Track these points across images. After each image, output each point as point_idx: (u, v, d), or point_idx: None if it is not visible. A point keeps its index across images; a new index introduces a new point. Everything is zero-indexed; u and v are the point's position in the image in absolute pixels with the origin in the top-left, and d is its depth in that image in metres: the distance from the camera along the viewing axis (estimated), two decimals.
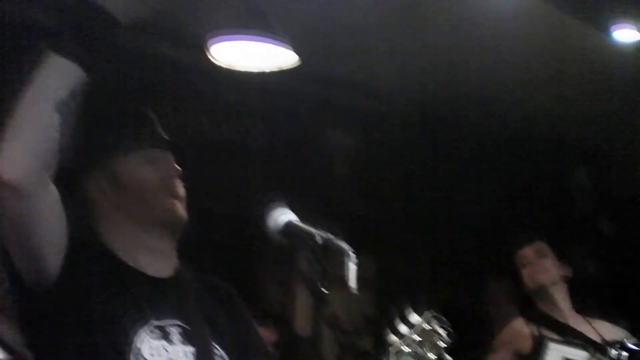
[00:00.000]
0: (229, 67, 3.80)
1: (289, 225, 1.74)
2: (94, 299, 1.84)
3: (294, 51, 3.71)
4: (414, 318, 1.88)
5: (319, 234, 1.64)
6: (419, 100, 5.92)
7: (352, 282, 1.54)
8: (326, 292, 1.62)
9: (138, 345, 1.83)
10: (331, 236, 1.64)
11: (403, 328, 1.82)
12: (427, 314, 1.91)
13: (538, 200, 6.70)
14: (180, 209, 2.01)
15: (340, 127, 5.82)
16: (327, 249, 1.62)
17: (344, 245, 1.61)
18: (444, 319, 1.92)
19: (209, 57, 3.69)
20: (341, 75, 5.41)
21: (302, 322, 5.63)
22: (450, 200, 6.45)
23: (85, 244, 1.95)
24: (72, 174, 2.00)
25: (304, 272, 5.70)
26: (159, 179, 2.01)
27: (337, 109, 5.71)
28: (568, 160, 6.81)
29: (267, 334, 4.41)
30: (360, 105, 5.83)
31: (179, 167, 2.06)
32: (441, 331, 1.88)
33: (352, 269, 1.55)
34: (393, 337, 1.75)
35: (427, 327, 1.87)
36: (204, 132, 5.15)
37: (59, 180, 2.07)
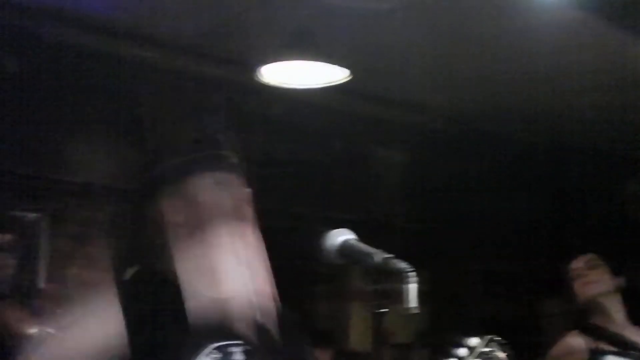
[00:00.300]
0: (279, 85, 3.83)
1: (345, 244, 1.73)
2: (155, 325, 1.86)
3: (342, 67, 3.74)
4: (473, 341, 1.86)
5: (377, 254, 1.64)
6: (465, 114, 5.92)
7: (413, 301, 1.54)
8: (385, 310, 1.61)
9: None
10: (389, 255, 1.63)
11: (461, 351, 1.81)
12: (486, 337, 1.88)
13: (589, 211, 6.64)
14: (249, 235, 2.01)
15: (388, 143, 5.84)
16: (385, 268, 1.61)
17: (403, 264, 1.61)
18: (504, 341, 1.89)
19: (259, 77, 3.74)
20: (387, 91, 5.42)
21: (356, 340, 5.64)
22: (499, 213, 6.43)
23: (148, 269, 2.00)
24: (146, 197, 2.05)
25: (358, 291, 5.72)
26: (231, 202, 2.02)
27: (384, 125, 5.72)
28: (619, 170, 6.73)
29: (321, 354, 4.44)
30: (407, 120, 5.84)
31: (249, 191, 2.07)
32: (500, 355, 1.86)
33: (412, 289, 1.55)
34: None
35: (486, 350, 1.85)
36: (256, 152, 5.20)
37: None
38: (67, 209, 4.34)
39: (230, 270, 2.01)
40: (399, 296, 1.85)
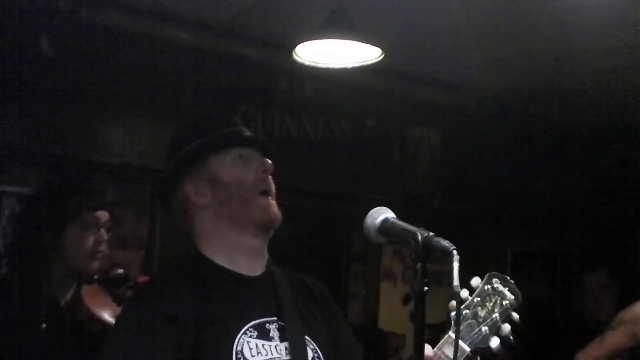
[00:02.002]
0: (313, 64, 3.82)
1: (386, 222, 1.71)
2: (194, 306, 1.88)
3: (376, 46, 3.72)
4: (475, 281, 1.85)
5: (419, 232, 1.61)
6: (500, 94, 5.87)
7: (456, 280, 1.52)
8: (425, 290, 1.59)
9: (239, 347, 1.86)
10: (432, 234, 1.61)
11: (464, 293, 1.80)
12: (489, 275, 1.87)
13: (626, 192, 6.56)
14: (275, 207, 2.03)
15: (423, 122, 5.81)
16: (428, 247, 1.59)
17: (446, 243, 1.58)
18: (507, 277, 1.88)
19: (295, 56, 3.73)
20: (422, 71, 5.39)
21: (385, 320, 5.64)
22: (534, 193, 6.39)
23: (185, 253, 2.03)
24: (171, 180, 2.08)
25: (390, 272, 5.67)
26: (252, 176, 2.03)
27: (419, 104, 5.70)
28: None
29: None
30: (442, 100, 5.81)
31: (270, 162, 2.07)
32: (505, 290, 1.85)
33: (455, 267, 1.53)
34: (453, 303, 1.72)
35: (487, 287, 1.84)
36: (290, 131, 5.20)
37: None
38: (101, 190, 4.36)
39: (258, 247, 2.05)
40: (439, 275, 1.83)
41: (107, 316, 2.85)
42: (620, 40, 4.64)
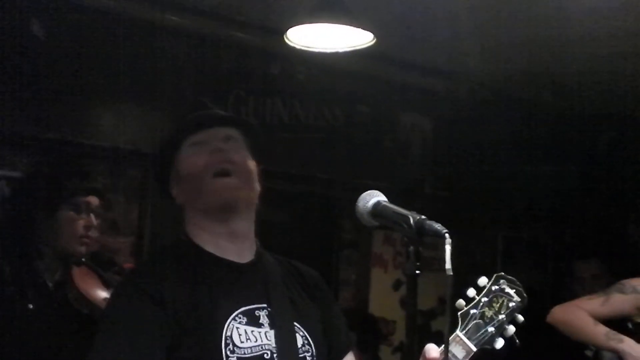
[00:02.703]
0: (304, 48, 3.80)
1: (378, 205, 1.71)
2: (183, 291, 1.88)
3: (368, 31, 3.71)
4: (481, 281, 1.87)
5: (412, 215, 1.61)
6: (492, 80, 5.87)
7: (448, 263, 1.52)
8: (418, 273, 1.59)
9: (228, 333, 1.85)
10: (424, 217, 1.60)
11: (471, 292, 1.82)
12: (497, 276, 1.89)
13: (618, 179, 6.58)
14: (231, 186, 1.98)
15: (414, 108, 5.80)
16: (420, 230, 1.59)
17: (439, 226, 1.58)
18: (514, 279, 1.90)
19: (287, 40, 3.71)
20: (414, 57, 5.38)
21: (376, 306, 5.65)
22: (526, 180, 6.39)
23: (176, 239, 2.05)
24: (160, 183, 2.13)
25: (380, 257, 5.64)
26: (203, 159, 1.99)
27: (410, 90, 5.69)
28: None
29: None
30: (434, 86, 5.80)
31: (219, 144, 2.01)
32: (511, 292, 1.87)
33: (447, 250, 1.53)
34: (461, 301, 1.74)
35: (494, 288, 1.86)
36: (280, 115, 5.19)
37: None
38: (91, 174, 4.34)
39: (237, 231, 2.02)
40: (430, 261, 1.83)
41: (97, 297, 2.86)
42: (617, 28, 4.62)
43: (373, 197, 1.72)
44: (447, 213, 1.51)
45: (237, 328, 1.87)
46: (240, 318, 1.89)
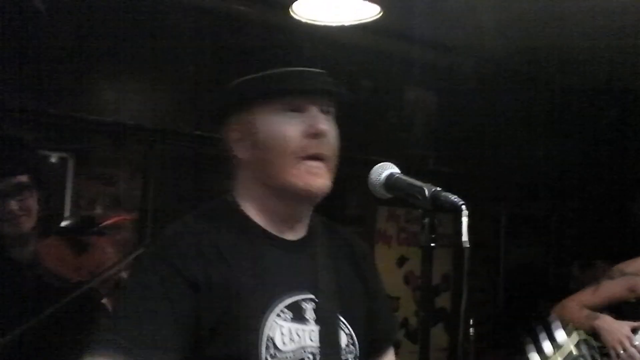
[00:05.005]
0: (310, 21, 3.77)
1: (391, 177, 1.66)
2: (221, 270, 1.62)
3: (374, 3, 3.68)
4: (561, 337, 1.76)
5: (427, 186, 1.56)
6: (497, 56, 5.83)
7: (465, 235, 1.48)
8: (433, 245, 1.55)
9: (271, 332, 1.62)
10: (439, 189, 1.55)
11: (548, 348, 1.71)
12: (575, 335, 1.78)
13: (622, 156, 6.56)
14: (320, 175, 1.71)
15: (419, 83, 5.76)
16: (436, 201, 1.54)
17: (455, 198, 1.53)
18: (594, 343, 1.79)
19: (292, 13, 3.67)
20: (419, 31, 5.33)
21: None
22: (530, 156, 6.37)
23: (218, 200, 1.78)
24: (216, 114, 1.81)
25: (385, 233, 5.62)
26: (297, 132, 1.69)
27: (415, 65, 5.64)
28: None
29: None
30: (439, 61, 5.76)
31: (324, 125, 1.73)
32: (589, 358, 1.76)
33: (464, 222, 1.47)
34: (535, 357, 1.63)
35: (574, 351, 1.75)
36: None
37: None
38: (94, 149, 4.32)
39: (302, 215, 1.78)
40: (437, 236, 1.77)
41: (67, 271, 2.83)
42: (621, 2, 4.58)
43: (386, 169, 1.68)
44: (450, 189, 1.45)
45: (281, 327, 1.63)
46: (285, 313, 1.65)
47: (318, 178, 1.71)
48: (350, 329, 1.75)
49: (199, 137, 4.61)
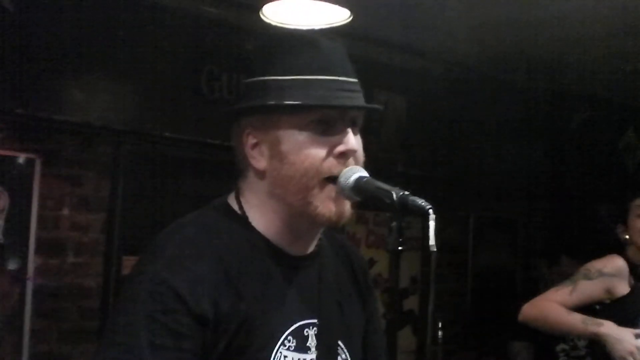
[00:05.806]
0: (280, 24, 3.76)
1: (360, 181, 1.63)
2: (229, 296, 1.53)
3: (344, 7, 3.68)
4: None
5: (395, 190, 1.55)
6: (466, 60, 5.86)
7: (432, 239, 1.48)
8: (401, 249, 1.54)
9: None
10: (407, 193, 1.54)
11: None
12: None
13: (587, 158, 6.63)
14: (344, 203, 1.61)
15: (388, 87, 5.77)
16: (403, 205, 1.53)
17: (422, 202, 1.52)
18: None
19: (262, 16, 3.67)
20: (388, 35, 5.35)
21: None
22: (498, 159, 6.41)
23: (223, 206, 1.67)
24: (231, 110, 1.69)
25: (352, 234, 5.63)
26: (325, 150, 1.59)
27: (385, 69, 5.66)
28: (618, 119, 6.71)
29: None
30: (408, 65, 5.78)
31: (354, 144, 1.61)
32: None
33: (431, 227, 1.46)
34: None
35: None
36: None
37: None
38: (61, 150, 4.28)
39: (317, 233, 1.71)
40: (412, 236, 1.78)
41: None
42: (591, 8, 4.63)
43: (355, 172, 1.67)
44: (419, 192, 1.44)
45: (285, 357, 1.58)
46: (289, 342, 1.60)
47: (339, 203, 1.62)
48: (348, 355, 1.72)
49: (167, 139, 4.60)
